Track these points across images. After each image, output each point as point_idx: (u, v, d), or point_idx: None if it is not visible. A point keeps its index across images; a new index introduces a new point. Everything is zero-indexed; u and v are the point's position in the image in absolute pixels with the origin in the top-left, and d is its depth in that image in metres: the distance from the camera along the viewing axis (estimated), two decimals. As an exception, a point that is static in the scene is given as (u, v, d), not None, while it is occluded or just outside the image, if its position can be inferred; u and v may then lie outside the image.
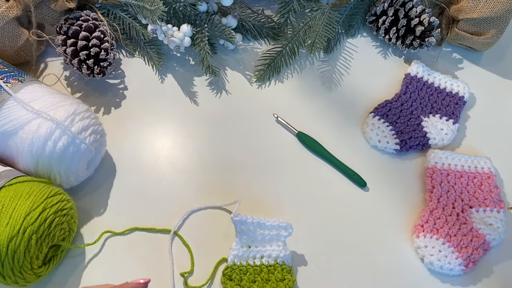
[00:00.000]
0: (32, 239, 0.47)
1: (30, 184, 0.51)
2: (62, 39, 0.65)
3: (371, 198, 0.64)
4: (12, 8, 0.63)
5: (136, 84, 0.71)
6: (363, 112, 0.72)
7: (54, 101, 0.55)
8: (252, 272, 0.56)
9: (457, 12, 0.75)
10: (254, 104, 0.71)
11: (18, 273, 0.48)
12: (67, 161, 0.54)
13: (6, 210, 0.48)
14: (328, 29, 0.72)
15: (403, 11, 0.74)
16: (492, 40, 0.75)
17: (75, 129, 0.54)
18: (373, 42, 0.80)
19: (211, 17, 0.71)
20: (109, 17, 0.70)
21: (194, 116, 0.69)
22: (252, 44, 0.77)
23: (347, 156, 0.67)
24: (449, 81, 0.74)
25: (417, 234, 0.61)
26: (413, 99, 0.72)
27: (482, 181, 0.65)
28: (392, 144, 0.67)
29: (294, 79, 0.74)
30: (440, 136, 0.69)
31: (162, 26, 0.66)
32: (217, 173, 0.64)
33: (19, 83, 0.56)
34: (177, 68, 0.74)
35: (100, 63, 0.65)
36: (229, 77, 0.74)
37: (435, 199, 0.63)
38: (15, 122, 0.53)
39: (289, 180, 0.65)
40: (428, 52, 0.79)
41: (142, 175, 0.63)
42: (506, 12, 0.71)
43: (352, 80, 0.75)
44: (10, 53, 0.66)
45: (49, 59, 0.72)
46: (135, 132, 0.67)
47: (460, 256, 0.58)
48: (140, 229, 0.59)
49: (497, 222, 0.62)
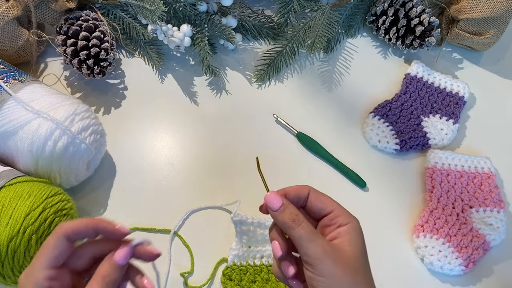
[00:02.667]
0: (32, 239, 0.47)
1: (30, 184, 0.51)
2: (62, 39, 0.65)
3: (371, 198, 0.64)
4: (12, 8, 0.63)
5: (136, 84, 0.71)
6: (363, 112, 0.72)
7: (54, 101, 0.55)
8: (252, 272, 0.56)
9: (457, 12, 0.75)
10: (254, 104, 0.71)
11: (18, 273, 0.48)
12: (67, 161, 0.54)
13: (6, 210, 0.48)
14: (328, 29, 0.72)
15: (403, 11, 0.74)
16: (492, 40, 0.75)
17: (75, 129, 0.54)
18: (373, 42, 0.80)
19: (211, 17, 0.71)
20: (109, 17, 0.70)
21: (194, 116, 0.69)
22: (252, 44, 0.77)
23: (347, 156, 0.67)
24: (449, 81, 0.74)
25: (417, 234, 0.61)
26: (413, 99, 0.72)
27: (482, 181, 0.65)
28: (392, 144, 0.67)
29: (294, 79, 0.74)
30: (440, 136, 0.69)
31: (162, 26, 0.66)
32: (217, 173, 0.64)
33: (19, 83, 0.56)
34: (177, 68, 0.74)
35: (100, 63, 0.65)
36: (229, 77, 0.74)
37: (435, 199, 0.63)
38: (15, 122, 0.53)
39: (289, 180, 0.65)
40: (428, 52, 0.79)
41: (142, 175, 0.63)
42: (506, 12, 0.71)
43: (352, 80, 0.75)
44: (10, 53, 0.65)
45: (49, 59, 0.72)
46: (135, 132, 0.67)
47: (460, 256, 0.58)
48: (140, 229, 0.59)
49: (497, 222, 0.62)
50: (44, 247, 0.36)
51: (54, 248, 0.35)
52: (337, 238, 0.38)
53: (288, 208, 0.39)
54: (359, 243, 0.39)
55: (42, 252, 0.36)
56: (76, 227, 0.36)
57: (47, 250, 0.35)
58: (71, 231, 0.36)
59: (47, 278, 0.35)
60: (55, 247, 0.35)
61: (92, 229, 0.37)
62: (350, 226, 0.39)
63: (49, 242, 0.36)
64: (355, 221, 0.40)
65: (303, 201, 0.41)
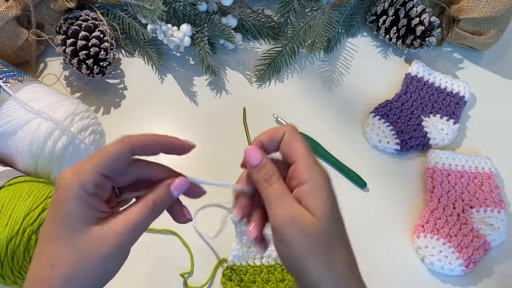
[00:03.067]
0: (31, 239, 0.47)
1: (29, 184, 0.51)
2: (61, 39, 0.65)
3: (371, 198, 0.64)
4: (12, 8, 0.63)
5: (136, 84, 0.71)
6: (363, 112, 0.71)
7: (54, 101, 0.55)
8: (252, 272, 0.56)
9: (457, 12, 0.75)
10: (254, 104, 0.71)
11: (18, 273, 0.48)
12: (67, 161, 0.54)
13: (6, 210, 0.48)
14: (328, 28, 0.72)
15: (403, 11, 0.74)
16: (492, 40, 0.75)
17: (75, 129, 0.54)
18: (373, 42, 0.80)
19: (211, 16, 0.71)
20: (108, 17, 0.70)
21: (194, 116, 0.69)
22: (252, 44, 0.77)
23: (347, 156, 0.66)
24: (450, 81, 0.73)
25: (417, 234, 0.60)
26: (413, 99, 0.72)
27: (483, 181, 0.65)
28: (392, 144, 0.67)
29: (294, 79, 0.74)
30: (440, 136, 0.69)
31: (162, 25, 0.66)
32: (217, 173, 0.64)
33: (18, 83, 0.56)
34: (177, 68, 0.73)
35: (100, 62, 0.65)
36: (229, 77, 0.73)
37: (435, 199, 0.63)
38: (15, 122, 0.53)
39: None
40: (429, 52, 0.79)
41: (142, 175, 0.63)
42: (507, 12, 0.71)
43: (352, 80, 0.75)
44: (10, 53, 0.65)
45: (49, 59, 0.72)
46: (135, 132, 0.66)
47: (460, 256, 0.58)
48: (140, 229, 0.59)
49: (498, 222, 0.61)
50: (104, 152, 0.33)
51: (117, 157, 0.33)
52: (301, 201, 0.33)
53: (265, 166, 0.35)
54: (326, 210, 0.33)
55: (101, 156, 0.33)
56: (145, 141, 0.34)
57: (108, 157, 0.33)
58: (139, 145, 0.34)
59: (95, 183, 0.32)
60: (117, 156, 0.33)
61: (159, 145, 0.35)
62: (310, 186, 0.33)
63: (111, 149, 0.33)
64: (318, 178, 0.34)
65: (277, 145, 0.37)
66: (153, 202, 0.34)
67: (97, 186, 0.32)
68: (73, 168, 0.33)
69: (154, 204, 0.34)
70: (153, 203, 0.34)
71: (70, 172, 0.32)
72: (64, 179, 0.32)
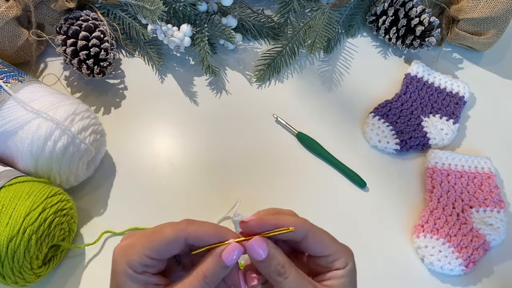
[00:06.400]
0: (32, 239, 0.47)
1: (30, 184, 0.51)
2: (62, 39, 0.65)
3: (371, 198, 0.64)
4: (12, 8, 0.63)
5: (136, 84, 0.71)
6: (363, 112, 0.72)
7: (54, 101, 0.55)
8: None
9: (457, 12, 0.75)
10: (254, 104, 0.71)
11: (18, 273, 0.48)
12: (67, 161, 0.54)
13: (6, 210, 0.48)
14: (328, 29, 0.72)
15: (403, 11, 0.74)
16: (492, 40, 0.75)
17: (75, 129, 0.54)
18: (373, 42, 0.80)
19: (211, 17, 0.71)
20: (109, 17, 0.70)
21: (194, 116, 0.69)
22: (252, 44, 0.77)
23: (347, 156, 0.67)
24: (449, 81, 0.74)
25: (417, 234, 0.61)
26: (413, 99, 0.72)
27: (482, 181, 0.65)
28: (392, 144, 0.67)
29: (294, 79, 0.74)
30: (440, 136, 0.69)
31: (162, 26, 0.66)
32: (217, 173, 0.64)
33: (19, 83, 0.56)
34: (177, 68, 0.74)
35: (100, 63, 0.65)
36: (229, 77, 0.73)
37: (435, 199, 0.63)
38: (15, 122, 0.53)
39: (289, 181, 0.65)
40: (428, 52, 0.79)
41: (142, 175, 0.63)
42: (506, 12, 0.71)
43: (352, 80, 0.75)
44: (10, 53, 0.65)
45: (49, 59, 0.72)
46: (135, 132, 0.66)
47: (460, 256, 0.58)
48: (140, 229, 0.59)
49: (497, 222, 0.62)
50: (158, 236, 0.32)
51: (168, 244, 0.32)
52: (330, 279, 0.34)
53: (274, 259, 0.32)
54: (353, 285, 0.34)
55: (154, 237, 0.32)
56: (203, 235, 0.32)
57: (160, 241, 0.32)
58: (194, 237, 0.32)
59: (144, 264, 0.32)
60: (169, 244, 0.32)
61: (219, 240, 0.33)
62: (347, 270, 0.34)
63: (166, 234, 0.32)
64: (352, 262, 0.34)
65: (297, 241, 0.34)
66: (204, 276, 0.32)
67: (146, 266, 0.32)
68: (124, 246, 0.32)
69: (205, 277, 0.32)
70: (204, 277, 0.32)
71: (120, 250, 0.32)
72: (115, 255, 0.32)
